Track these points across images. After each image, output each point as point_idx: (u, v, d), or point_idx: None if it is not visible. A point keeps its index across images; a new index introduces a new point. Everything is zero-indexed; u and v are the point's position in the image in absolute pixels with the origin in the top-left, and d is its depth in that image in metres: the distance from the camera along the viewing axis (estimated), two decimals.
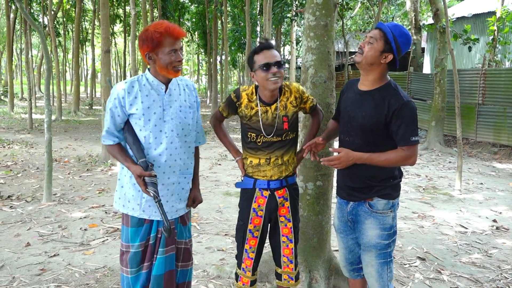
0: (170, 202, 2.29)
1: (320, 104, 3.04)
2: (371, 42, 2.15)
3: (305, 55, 3.13)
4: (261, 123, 2.42)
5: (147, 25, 2.19)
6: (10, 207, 5.31)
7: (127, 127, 2.23)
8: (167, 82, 2.26)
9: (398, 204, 2.31)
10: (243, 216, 2.53)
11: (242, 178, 2.56)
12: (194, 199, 2.47)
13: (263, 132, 2.42)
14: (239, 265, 2.59)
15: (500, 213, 5.56)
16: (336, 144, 2.76)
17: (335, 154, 2.27)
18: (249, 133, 2.46)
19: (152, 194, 2.09)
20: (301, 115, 2.84)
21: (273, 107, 2.43)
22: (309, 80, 3.09)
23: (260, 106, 2.44)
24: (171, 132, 2.24)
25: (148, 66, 2.27)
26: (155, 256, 2.27)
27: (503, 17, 11.10)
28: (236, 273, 2.62)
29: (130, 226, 2.27)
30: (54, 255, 3.88)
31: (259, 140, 2.44)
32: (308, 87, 3.09)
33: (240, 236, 2.55)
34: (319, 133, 2.81)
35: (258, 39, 25.02)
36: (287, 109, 2.44)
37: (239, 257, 2.59)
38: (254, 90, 2.48)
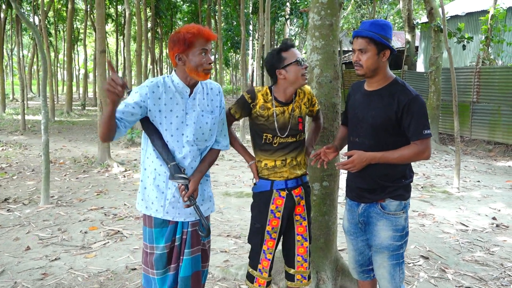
0: (192, 205, 2.27)
1: (326, 103, 3.04)
2: (363, 52, 2.17)
3: (310, 54, 3.12)
4: (276, 124, 2.42)
5: (178, 28, 2.19)
6: (8, 210, 5.24)
7: (154, 131, 2.20)
8: (192, 86, 2.24)
9: (409, 204, 2.30)
10: (260, 219, 2.49)
11: (255, 182, 2.52)
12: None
13: (278, 133, 2.42)
14: (254, 267, 2.55)
15: (499, 210, 5.60)
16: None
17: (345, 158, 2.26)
18: (265, 134, 2.44)
19: (187, 199, 2.15)
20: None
21: (289, 107, 2.44)
22: (315, 80, 3.08)
23: (277, 106, 2.44)
24: (192, 136, 2.22)
25: (174, 69, 2.24)
26: (181, 257, 2.26)
27: (496, 15, 11.19)
28: (250, 275, 2.58)
29: (154, 227, 2.25)
30: (55, 259, 3.82)
31: (275, 142, 2.43)
32: (313, 87, 3.07)
33: (258, 238, 2.50)
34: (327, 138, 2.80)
35: (251, 38, 25.00)
36: (301, 110, 2.49)
37: (254, 259, 2.54)
38: (268, 91, 2.47)
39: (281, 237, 2.59)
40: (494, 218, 5.23)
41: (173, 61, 2.17)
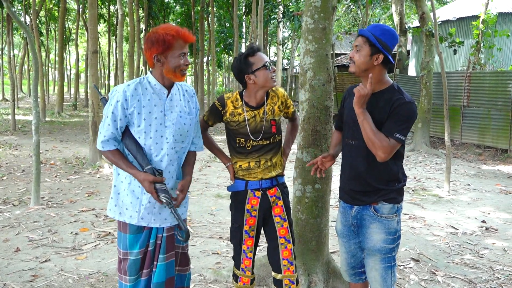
0: (169, 208, 2.26)
1: (319, 106, 3.06)
2: (358, 50, 2.20)
3: (304, 57, 3.13)
4: (248, 128, 2.46)
5: (155, 27, 2.15)
6: None
7: (127, 134, 2.17)
8: (169, 87, 2.23)
9: (402, 208, 2.32)
10: (237, 219, 2.55)
11: (232, 183, 2.58)
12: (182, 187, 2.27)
13: (251, 137, 2.46)
14: (237, 266, 2.60)
15: (488, 213, 5.65)
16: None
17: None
18: (238, 138, 2.49)
19: (165, 201, 2.09)
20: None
21: (260, 111, 2.48)
22: (308, 83, 3.09)
23: (247, 111, 2.46)
24: (172, 137, 2.21)
25: (150, 69, 2.23)
26: (155, 263, 2.23)
27: (487, 20, 11.32)
28: (234, 274, 2.63)
29: (129, 232, 2.22)
30: (46, 261, 3.79)
31: (248, 145, 2.48)
32: (306, 90, 3.09)
33: (237, 238, 2.56)
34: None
35: (244, 40, 25.07)
36: (274, 113, 2.52)
37: (236, 258, 2.60)
38: (238, 96, 2.51)
39: (260, 233, 2.61)
40: (483, 221, 5.28)
41: (149, 61, 2.16)
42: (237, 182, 2.53)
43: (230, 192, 2.60)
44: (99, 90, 2.48)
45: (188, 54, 2.19)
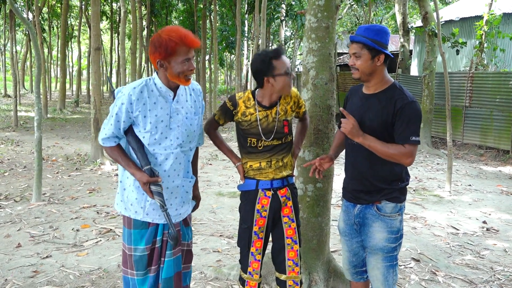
0: (174, 205, 2.27)
1: (321, 105, 3.06)
2: (357, 56, 2.21)
3: (306, 56, 3.13)
4: (260, 128, 2.42)
5: (160, 30, 2.11)
6: None
7: (131, 132, 2.18)
8: (175, 88, 2.22)
9: (404, 207, 2.32)
10: (247, 219, 2.49)
11: (241, 183, 2.54)
12: (195, 197, 2.49)
13: (263, 137, 2.42)
14: (244, 270, 2.54)
15: (489, 214, 5.65)
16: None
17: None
18: (249, 138, 2.45)
19: (159, 204, 2.09)
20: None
21: (273, 111, 2.44)
22: (310, 82, 3.09)
23: (260, 111, 2.43)
24: (176, 139, 2.21)
25: (156, 71, 2.22)
26: (162, 259, 2.24)
27: (491, 21, 11.28)
28: (241, 278, 2.56)
29: (133, 228, 2.23)
30: (47, 257, 3.80)
31: (260, 145, 2.44)
32: (309, 89, 3.09)
33: (245, 240, 2.50)
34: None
35: (246, 39, 25.03)
36: (287, 113, 2.48)
37: (244, 261, 2.54)
38: (251, 96, 2.47)
39: (269, 236, 2.57)
40: (484, 222, 5.28)
41: (154, 64, 2.14)
42: (248, 181, 2.49)
43: (240, 192, 2.56)
44: (111, 82, 2.47)
45: (194, 57, 2.14)
